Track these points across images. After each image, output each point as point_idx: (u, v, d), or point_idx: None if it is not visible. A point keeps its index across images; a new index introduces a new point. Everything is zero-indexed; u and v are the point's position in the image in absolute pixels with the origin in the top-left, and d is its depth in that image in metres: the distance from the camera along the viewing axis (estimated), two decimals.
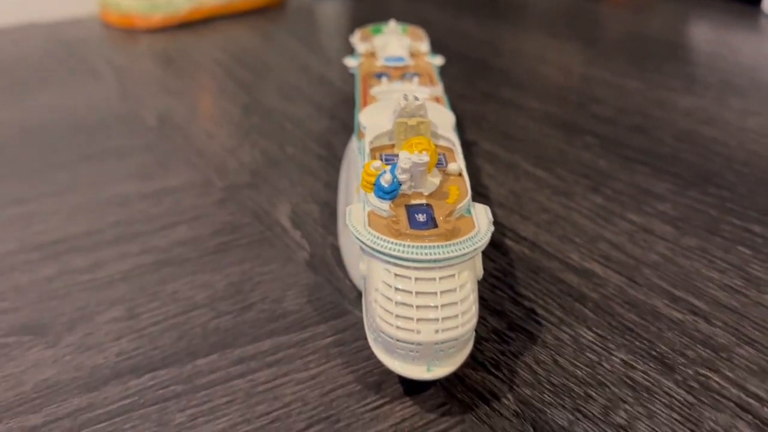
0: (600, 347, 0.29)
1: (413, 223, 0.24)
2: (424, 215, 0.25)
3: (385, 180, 0.25)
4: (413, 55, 0.43)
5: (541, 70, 0.61)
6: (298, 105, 0.55)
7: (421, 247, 0.23)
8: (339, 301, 0.32)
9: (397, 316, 0.23)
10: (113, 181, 0.43)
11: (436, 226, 0.24)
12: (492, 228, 0.25)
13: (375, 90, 0.36)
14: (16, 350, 0.30)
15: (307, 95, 0.57)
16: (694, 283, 0.33)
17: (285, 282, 0.34)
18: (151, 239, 0.37)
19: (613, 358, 0.28)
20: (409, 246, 0.23)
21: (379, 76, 0.40)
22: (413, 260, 0.23)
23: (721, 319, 0.30)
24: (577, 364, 0.28)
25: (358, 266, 0.27)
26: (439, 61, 0.42)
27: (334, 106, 0.54)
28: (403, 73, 0.40)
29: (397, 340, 0.24)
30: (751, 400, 0.26)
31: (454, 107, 0.52)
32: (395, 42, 0.43)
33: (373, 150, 0.29)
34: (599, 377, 0.27)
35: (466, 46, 0.69)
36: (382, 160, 0.29)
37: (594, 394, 0.27)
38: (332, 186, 0.42)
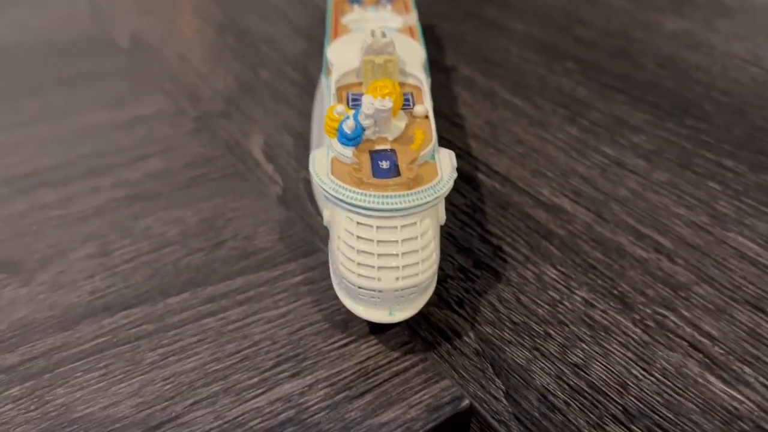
0: (563, 285, 0.30)
1: (376, 170, 0.24)
2: (388, 162, 0.25)
3: (348, 126, 0.25)
4: None
5: None
6: (274, 24, 0.53)
7: (383, 196, 0.24)
8: (310, 238, 0.32)
9: (359, 264, 0.24)
10: (85, 110, 0.43)
11: (399, 174, 0.24)
12: (455, 175, 0.25)
13: (346, 18, 0.35)
14: None
15: (283, 13, 0.55)
16: (660, 220, 0.33)
17: (257, 218, 0.34)
18: (122, 172, 0.37)
19: (575, 296, 0.29)
20: (370, 195, 0.24)
21: (352, 1, 0.38)
22: (375, 209, 0.23)
23: (683, 257, 0.31)
24: (539, 302, 0.29)
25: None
26: None
27: (311, 27, 0.52)
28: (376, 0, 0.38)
29: (359, 287, 0.24)
30: (703, 339, 0.27)
31: (432, 28, 0.51)
32: None
33: (339, 89, 0.29)
34: (559, 316, 0.28)
35: None
36: (348, 101, 0.28)
37: (553, 332, 0.28)
38: (306, 115, 0.41)
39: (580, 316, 0.28)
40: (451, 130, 0.40)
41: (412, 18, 0.36)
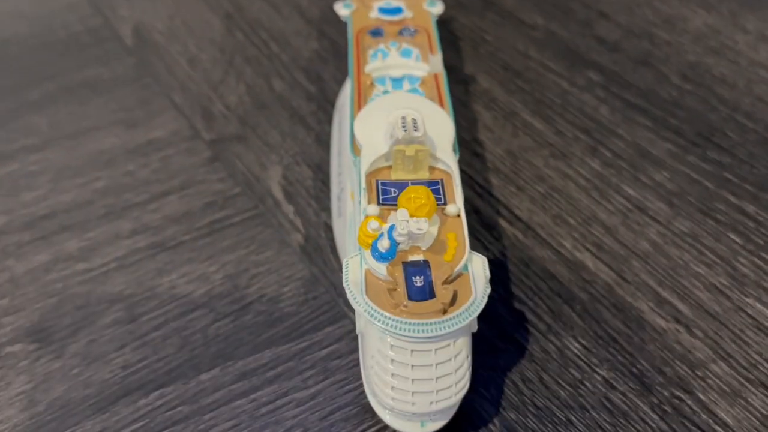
0: (584, 362, 0.31)
1: (411, 290, 0.25)
2: (422, 278, 0.25)
3: (383, 246, 0.24)
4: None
5: None
6: (283, 16, 0.51)
7: (419, 324, 0.24)
8: (334, 300, 0.33)
9: (393, 387, 0.24)
10: (95, 129, 0.42)
11: (433, 294, 0.24)
12: (489, 290, 0.25)
13: (369, 67, 0.34)
14: (24, 361, 0.31)
15: (293, 1, 0.52)
16: (680, 281, 0.34)
17: (280, 275, 0.34)
18: (142, 215, 0.37)
19: (596, 375, 0.30)
20: (406, 322, 0.24)
21: (373, 33, 0.37)
22: (410, 336, 0.24)
23: (701, 328, 0.32)
24: (561, 383, 0.30)
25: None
26: (438, 8, 0.39)
27: (322, 19, 0.50)
28: (399, 29, 0.37)
29: (392, 408, 0.25)
30: (718, 428, 0.28)
31: (449, 22, 0.49)
32: None
33: (368, 175, 0.28)
34: (581, 399, 0.29)
35: None
36: (378, 192, 0.28)
37: (574, 419, 0.29)
38: (323, 141, 0.41)
39: (600, 399, 0.29)
40: (471, 162, 0.40)
41: (438, 62, 0.35)
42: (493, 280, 0.34)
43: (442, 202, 0.28)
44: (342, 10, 0.38)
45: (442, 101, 0.33)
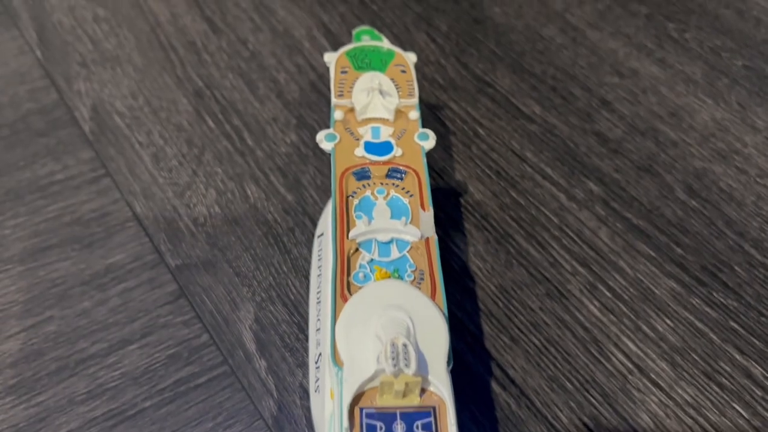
0: None
1: None
2: None
3: None
4: (399, 117, 0.35)
5: (545, 32, 0.52)
6: (258, 96, 0.46)
7: None
8: None
9: None
10: (47, 251, 0.37)
11: None
12: None
13: (354, 233, 0.30)
14: None
15: (268, 75, 0.48)
16: None
17: None
18: (98, 370, 0.33)
19: None
20: None
21: (358, 175, 0.33)
22: None
23: None
24: None
25: None
26: (430, 143, 0.35)
27: (301, 101, 0.46)
28: (387, 169, 0.33)
29: None
30: None
31: (440, 110, 0.44)
32: (379, 104, 0.36)
33: (352, 401, 0.25)
34: None
35: None
36: (362, 424, 0.25)
37: None
38: (300, 269, 0.37)
39: None
40: (462, 303, 0.37)
41: (429, 222, 0.31)
42: None
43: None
44: (324, 144, 0.34)
45: (433, 274, 0.30)
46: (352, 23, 0.52)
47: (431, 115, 0.46)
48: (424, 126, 0.35)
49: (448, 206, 0.41)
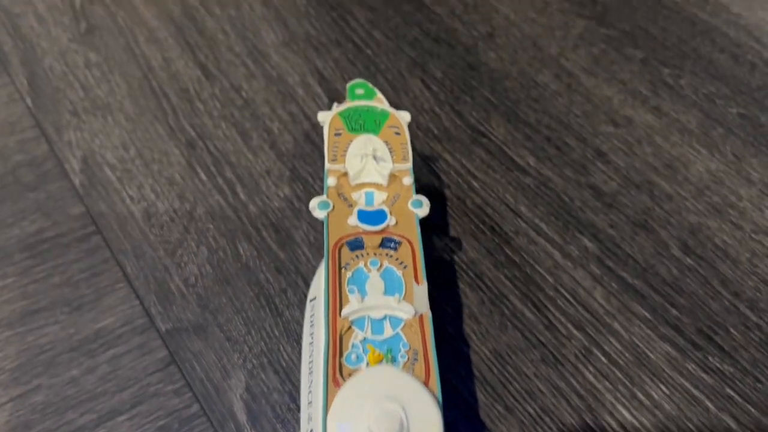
0: None
1: None
2: None
3: None
4: (392, 182, 0.35)
5: (540, 78, 0.52)
6: (251, 147, 0.46)
7: None
8: None
9: None
10: (36, 314, 0.37)
11: None
12: None
13: (347, 311, 0.30)
14: None
15: (261, 124, 0.47)
16: None
17: None
18: None
19: None
20: None
21: (351, 245, 0.33)
22: None
23: None
24: None
25: None
26: (424, 210, 0.34)
27: (295, 152, 0.46)
28: (381, 239, 0.33)
29: None
30: None
31: (434, 161, 0.44)
32: (373, 169, 0.35)
33: None
34: None
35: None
36: None
37: None
38: (292, 333, 0.37)
39: None
40: (456, 368, 0.36)
41: (423, 297, 0.31)
42: None
43: None
44: (317, 212, 0.34)
45: (426, 354, 0.29)
46: (346, 69, 0.51)
47: (426, 167, 0.45)
48: (420, 179, 0.35)
49: (443, 264, 0.40)
